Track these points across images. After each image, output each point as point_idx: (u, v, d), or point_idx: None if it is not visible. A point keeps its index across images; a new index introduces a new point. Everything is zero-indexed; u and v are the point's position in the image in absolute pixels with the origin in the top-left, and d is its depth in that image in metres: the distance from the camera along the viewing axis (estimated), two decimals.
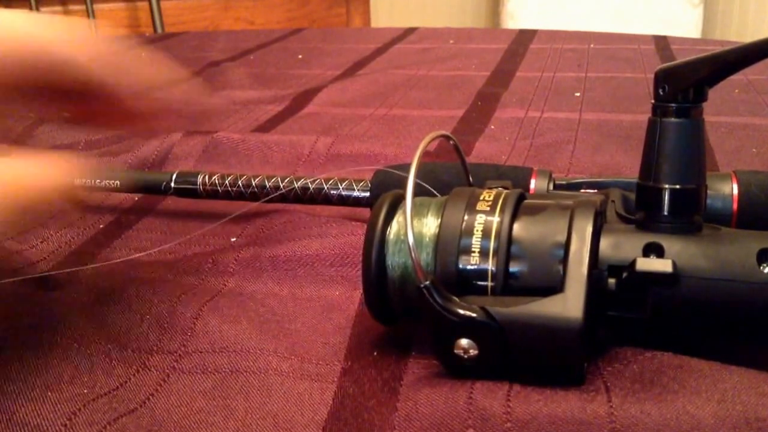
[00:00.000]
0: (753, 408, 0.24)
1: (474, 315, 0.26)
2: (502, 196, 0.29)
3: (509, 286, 0.27)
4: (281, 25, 2.03)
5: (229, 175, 0.46)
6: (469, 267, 0.28)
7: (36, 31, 0.31)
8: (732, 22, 2.27)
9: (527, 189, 0.39)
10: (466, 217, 0.28)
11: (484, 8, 2.49)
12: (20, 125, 0.63)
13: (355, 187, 0.44)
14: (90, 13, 1.74)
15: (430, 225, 0.29)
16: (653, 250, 0.27)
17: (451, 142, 0.33)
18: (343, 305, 0.35)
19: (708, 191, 0.30)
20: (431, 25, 1.30)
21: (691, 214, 0.28)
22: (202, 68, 0.93)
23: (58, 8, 1.77)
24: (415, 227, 0.29)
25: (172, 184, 0.46)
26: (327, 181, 0.44)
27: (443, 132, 0.32)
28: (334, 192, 0.44)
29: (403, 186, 0.28)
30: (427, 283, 0.27)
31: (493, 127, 0.63)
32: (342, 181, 0.44)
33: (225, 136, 0.58)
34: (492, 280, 0.27)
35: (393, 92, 0.79)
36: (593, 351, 0.29)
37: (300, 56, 1.02)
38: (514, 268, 0.28)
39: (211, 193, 0.46)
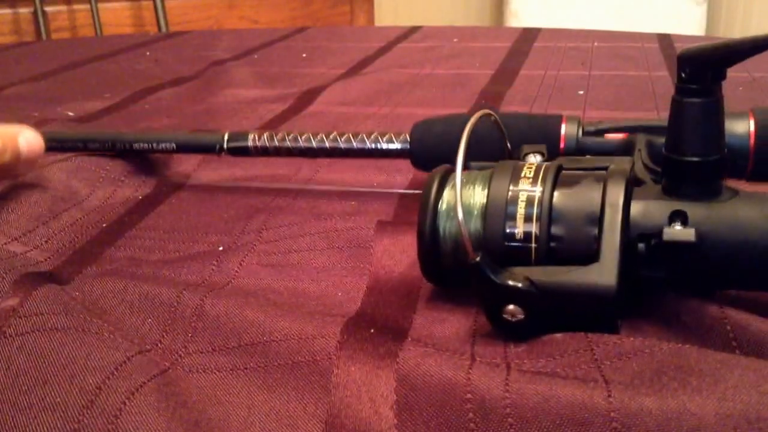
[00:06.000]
0: (755, 407, 0.24)
1: (519, 285, 0.29)
2: (543, 168, 0.32)
3: (551, 248, 0.31)
4: (285, 23, 2.03)
5: (277, 134, 0.49)
6: (515, 231, 0.31)
7: None
8: (736, 20, 2.26)
9: (558, 136, 0.43)
10: (511, 188, 0.32)
11: (488, 7, 2.49)
12: (25, 123, 0.63)
13: (395, 140, 0.47)
14: (94, 12, 1.74)
15: (478, 196, 0.33)
16: (678, 216, 0.30)
17: (492, 118, 0.36)
18: (345, 304, 0.35)
19: (726, 131, 0.32)
20: (435, 24, 1.30)
21: (712, 182, 0.31)
22: (206, 67, 0.93)
23: (63, 8, 1.77)
24: (464, 198, 0.33)
25: (225, 145, 0.50)
26: (369, 135, 0.48)
27: (487, 110, 0.35)
28: (376, 146, 0.48)
29: (440, 136, 0.35)
30: (477, 259, 0.29)
31: None
32: (382, 135, 0.48)
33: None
34: (535, 242, 0.31)
35: (397, 91, 0.79)
36: (627, 309, 0.32)
37: (304, 55, 1.02)
38: (555, 231, 0.31)
39: (261, 151, 0.49)
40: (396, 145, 0.47)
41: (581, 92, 0.74)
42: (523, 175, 0.32)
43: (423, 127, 0.47)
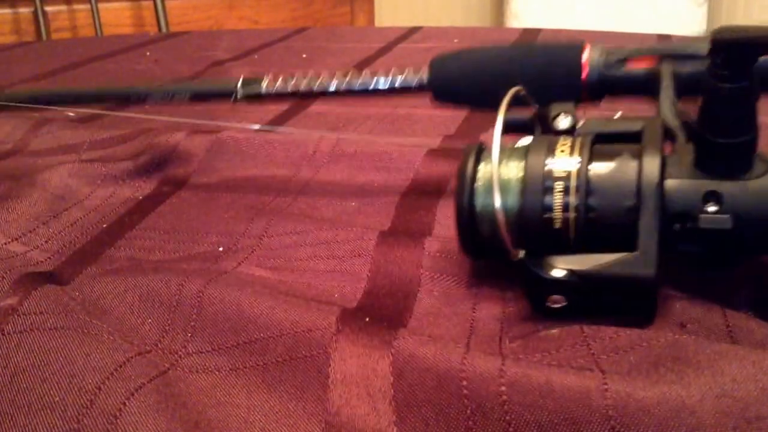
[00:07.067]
0: (754, 405, 0.24)
1: (562, 277, 0.31)
2: (578, 141, 0.33)
3: (589, 219, 0.31)
4: (286, 24, 2.03)
5: (292, 78, 0.48)
6: (553, 204, 0.32)
7: None
8: (736, 20, 2.26)
9: (579, 66, 0.41)
10: (547, 162, 0.32)
11: (489, 7, 2.49)
12: (25, 125, 0.64)
13: (413, 76, 0.46)
14: (95, 12, 1.74)
15: (514, 170, 0.33)
16: (712, 197, 0.31)
17: (522, 93, 0.36)
18: (341, 304, 0.35)
19: None
20: (435, 25, 1.30)
21: (743, 160, 0.32)
22: (206, 67, 0.93)
23: (63, 8, 1.77)
24: (501, 174, 0.33)
25: (239, 92, 0.49)
26: (386, 73, 0.47)
27: (518, 87, 0.35)
28: (394, 84, 0.47)
29: (460, 68, 0.36)
30: (521, 256, 0.31)
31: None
32: (400, 72, 0.47)
33: (229, 136, 0.58)
34: (575, 212, 0.31)
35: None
36: (662, 283, 0.32)
37: (304, 55, 1.02)
38: (592, 203, 0.31)
39: (276, 96, 0.49)
40: (414, 81, 0.46)
41: None
42: (558, 149, 0.33)
43: (441, 60, 0.46)
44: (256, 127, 0.55)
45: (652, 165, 0.31)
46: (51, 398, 0.27)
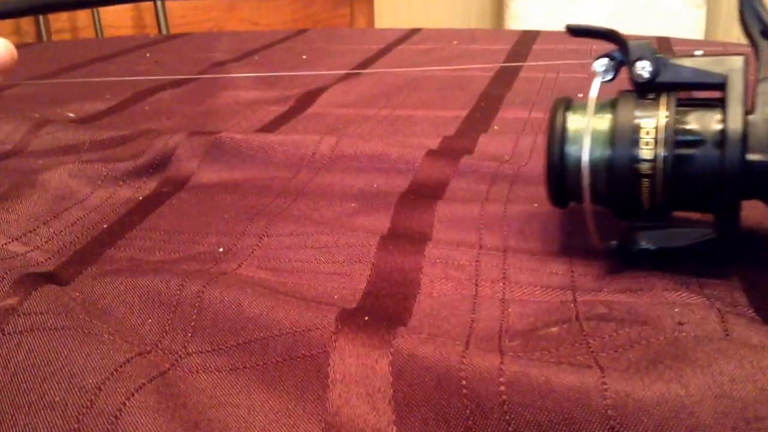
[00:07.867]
0: (752, 405, 0.24)
1: (650, 249, 0.35)
2: (663, 97, 0.35)
3: (677, 168, 0.33)
4: (286, 25, 2.03)
5: None
6: (641, 154, 0.34)
7: None
8: (735, 24, 2.26)
9: None
10: (636, 114, 0.35)
11: (488, 9, 2.49)
12: (25, 125, 0.64)
13: None
14: (95, 14, 1.74)
15: (604, 123, 0.36)
16: None
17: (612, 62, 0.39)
18: (340, 305, 0.35)
19: None
20: (435, 26, 1.31)
21: None
22: (206, 68, 0.93)
23: None
24: (591, 125, 0.36)
25: None
26: None
27: (607, 59, 0.39)
28: None
29: None
30: (613, 247, 0.36)
31: (496, 127, 0.63)
32: None
33: (228, 137, 0.58)
34: (663, 164, 0.33)
35: (397, 93, 0.79)
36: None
37: (304, 57, 1.02)
38: (680, 152, 0.33)
39: None
40: None
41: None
42: (645, 102, 0.35)
43: None
44: None
45: (734, 140, 0.32)
46: (51, 398, 0.27)
